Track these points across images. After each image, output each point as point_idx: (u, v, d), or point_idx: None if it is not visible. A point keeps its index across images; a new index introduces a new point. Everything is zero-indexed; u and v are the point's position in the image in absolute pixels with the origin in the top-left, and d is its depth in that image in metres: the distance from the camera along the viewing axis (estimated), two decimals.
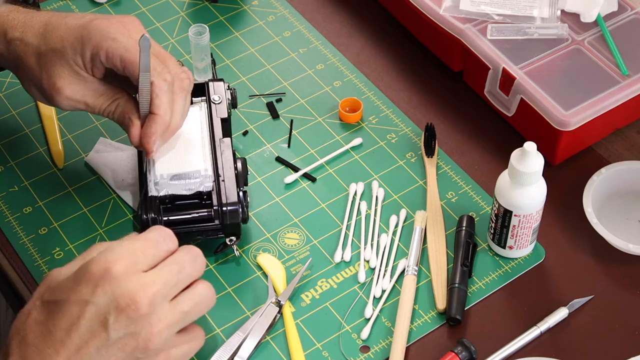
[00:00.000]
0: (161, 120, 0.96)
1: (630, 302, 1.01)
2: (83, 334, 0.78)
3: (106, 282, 0.78)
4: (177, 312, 0.81)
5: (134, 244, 0.81)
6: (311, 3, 1.30)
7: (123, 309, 0.78)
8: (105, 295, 0.78)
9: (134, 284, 0.79)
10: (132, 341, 0.79)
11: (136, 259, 0.80)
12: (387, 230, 1.07)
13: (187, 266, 0.82)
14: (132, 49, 0.95)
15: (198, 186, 1.01)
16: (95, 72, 0.98)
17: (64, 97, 0.98)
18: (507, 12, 1.15)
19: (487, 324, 1.00)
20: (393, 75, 1.22)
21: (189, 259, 0.83)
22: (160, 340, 0.80)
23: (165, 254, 0.83)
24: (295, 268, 1.04)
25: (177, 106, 0.98)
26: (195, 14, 1.29)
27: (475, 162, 1.13)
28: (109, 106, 0.99)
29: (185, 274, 0.82)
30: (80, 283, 0.79)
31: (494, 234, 1.03)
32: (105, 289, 0.78)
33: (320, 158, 1.13)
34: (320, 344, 0.98)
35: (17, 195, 1.10)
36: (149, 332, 0.79)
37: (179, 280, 0.82)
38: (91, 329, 0.78)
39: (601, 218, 1.05)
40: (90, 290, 0.78)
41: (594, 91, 1.08)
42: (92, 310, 0.78)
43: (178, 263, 0.82)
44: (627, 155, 1.13)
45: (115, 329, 0.78)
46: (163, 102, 0.96)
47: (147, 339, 0.79)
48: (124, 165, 1.11)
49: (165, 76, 0.97)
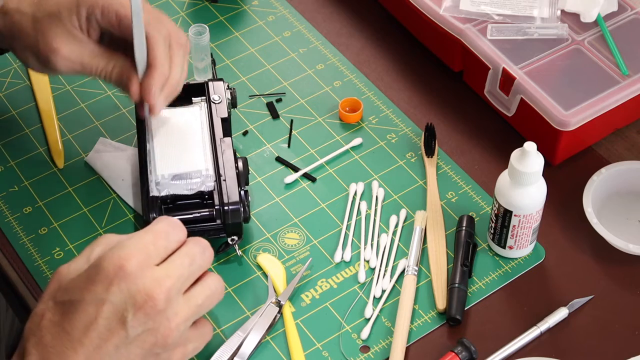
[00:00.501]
0: (159, 72, 0.96)
1: (630, 302, 1.01)
2: (101, 332, 0.77)
3: (121, 280, 0.78)
4: (192, 305, 0.81)
5: (144, 238, 0.81)
6: (311, 3, 1.30)
7: (141, 306, 0.78)
8: (121, 293, 0.78)
9: (149, 279, 0.78)
10: (150, 337, 0.79)
11: (148, 253, 0.80)
12: (387, 230, 1.07)
13: (197, 258, 0.82)
14: (127, 4, 0.96)
15: (199, 186, 1.01)
16: (91, 33, 0.98)
17: (60, 57, 0.97)
18: (507, 12, 1.15)
19: (487, 324, 1.00)
20: (393, 75, 1.22)
21: (198, 250, 0.83)
22: (178, 334, 0.80)
23: (176, 244, 0.82)
24: (295, 268, 1.04)
25: (175, 60, 0.98)
26: (195, 14, 1.29)
27: (475, 162, 1.13)
28: (106, 66, 0.99)
29: (196, 266, 0.82)
30: (95, 282, 0.78)
31: (494, 234, 1.03)
32: (120, 286, 0.78)
33: (320, 158, 1.13)
34: (320, 344, 0.98)
35: (17, 195, 1.10)
36: (167, 327, 0.79)
37: (191, 273, 0.82)
38: (109, 328, 0.77)
39: (601, 218, 1.05)
40: (105, 289, 0.78)
41: (594, 91, 1.08)
42: (109, 308, 0.77)
43: (189, 255, 0.82)
44: (627, 155, 1.13)
45: (133, 326, 0.78)
46: (160, 54, 0.96)
47: (166, 334, 0.79)
48: (124, 165, 1.11)
49: (161, 30, 0.97)
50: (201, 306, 0.82)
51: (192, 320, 0.82)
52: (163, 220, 0.83)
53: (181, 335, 0.81)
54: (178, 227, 0.83)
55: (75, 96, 1.19)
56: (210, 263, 0.84)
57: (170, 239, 0.82)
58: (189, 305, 0.81)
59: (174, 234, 0.82)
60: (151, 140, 1.05)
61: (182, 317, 0.80)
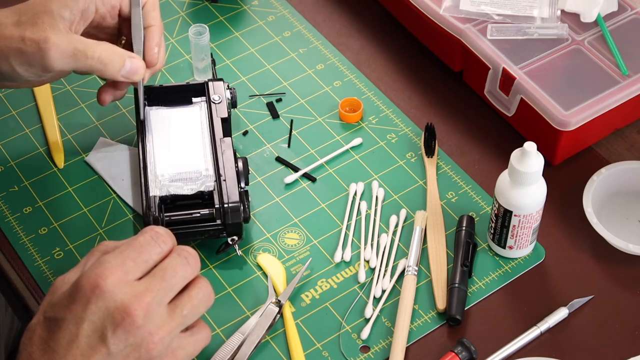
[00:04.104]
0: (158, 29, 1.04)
1: (630, 302, 1.01)
2: (84, 350, 0.78)
3: (98, 298, 0.78)
4: (176, 317, 0.81)
5: (123, 253, 0.80)
6: (311, 3, 1.30)
7: (119, 323, 0.77)
8: (99, 311, 0.78)
9: (127, 295, 0.78)
10: (134, 352, 0.78)
11: (126, 269, 0.79)
12: (387, 230, 1.07)
13: (179, 269, 0.81)
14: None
15: (199, 186, 1.01)
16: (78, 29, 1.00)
17: (51, 44, 0.96)
18: (507, 12, 1.15)
19: (487, 324, 1.00)
20: (393, 75, 1.22)
21: (181, 262, 0.82)
22: (162, 346, 0.79)
23: (159, 256, 0.82)
24: (295, 268, 1.04)
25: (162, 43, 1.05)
26: (195, 14, 1.29)
27: (475, 162, 1.13)
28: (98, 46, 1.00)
29: (178, 278, 0.81)
30: (75, 300, 0.78)
31: (494, 234, 1.03)
32: (98, 304, 0.78)
33: (320, 158, 1.13)
34: (320, 344, 0.98)
35: (17, 195, 1.10)
36: (150, 342, 0.79)
37: (172, 285, 0.81)
38: (91, 345, 0.78)
39: (601, 218, 1.05)
40: (83, 308, 0.78)
41: (594, 91, 1.08)
42: (89, 326, 0.78)
43: (170, 268, 0.81)
44: (627, 155, 1.13)
45: (114, 342, 0.77)
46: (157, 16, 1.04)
47: (149, 348, 0.79)
48: (124, 165, 1.11)
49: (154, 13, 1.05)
50: (187, 316, 0.81)
51: (178, 330, 0.81)
52: (147, 232, 0.83)
53: (167, 346, 0.80)
54: (161, 237, 0.82)
55: (75, 96, 1.19)
56: (195, 273, 0.83)
57: (152, 251, 0.81)
58: (172, 316, 0.80)
59: (156, 245, 0.82)
60: (151, 140, 1.06)
61: (166, 329, 0.79)
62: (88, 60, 0.98)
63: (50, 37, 0.96)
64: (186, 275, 0.82)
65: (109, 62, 0.99)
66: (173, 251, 0.83)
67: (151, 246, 0.81)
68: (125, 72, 1.01)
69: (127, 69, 1.00)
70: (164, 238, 0.83)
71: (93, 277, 0.78)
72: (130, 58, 1.01)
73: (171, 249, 0.83)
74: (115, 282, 0.78)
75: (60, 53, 0.97)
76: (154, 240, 0.82)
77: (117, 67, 1.00)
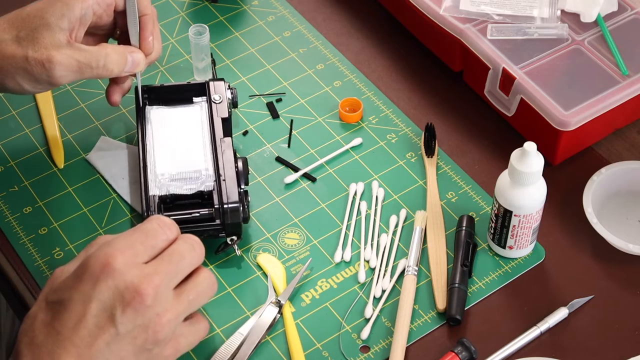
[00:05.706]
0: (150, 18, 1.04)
1: (630, 302, 1.01)
2: (91, 330, 0.78)
3: (108, 277, 0.78)
4: (182, 301, 0.81)
5: (132, 236, 0.81)
6: (311, 3, 1.30)
7: (129, 302, 0.78)
8: (108, 290, 0.78)
9: (137, 276, 0.79)
10: (141, 333, 0.79)
11: (135, 251, 0.80)
12: (387, 230, 1.07)
13: (187, 255, 0.82)
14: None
15: (199, 186, 1.01)
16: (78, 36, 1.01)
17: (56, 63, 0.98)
18: (507, 12, 1.15)
19: (487, 324, 1.00)
20: (393, 75, 1.22)
21: (188, 247, 0.83)
22: (169, 330, 0.80)
23: (165, 243, 0.83)
24: (295, 268, 1.04)
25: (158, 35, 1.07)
26: (195, 14, 1.29)
27: (475, 162, 1.13)
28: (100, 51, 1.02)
29: (185, 263, 0.82)
30: (82, 280, 0.78)
31: (494, 234, 1.03)
32: (108, 283, 0.78)
33: (320, 158, 1.13)
34: (320, 344, 0.98)
35: (17, 195, 1.10)
36: (157, 323, 0.79)
37: (180, 269, 0.82)
38: (99, 325, 0.78)
39: (601, 218, 1.05)
40: (92, 286, 0.78)
41: (594, 91, 1.08)
42: (97, 305, 0.78)
43: (178, 252, 0.82)
44: (627, 155, 1.13)
45: (123, 322, 0.78)
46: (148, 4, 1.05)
47: (156, 330, 0.79)
48: (124, 164, 1.11)
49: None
50: (192, 302, 0.82)
51: (184, 316, 0.82)
52: (154, 220, 0.83)
53: (173, 331, 0.81)
54: (167, 226, 0.83)
55: (75, 96, 1.19)
56: (200, 260, 0.84)
57: (159, 237, 0.82)
58: (179, 300, 0.81)
59: (162, 232, 0.83)
60: (151, 139, 1.06)
61: (173, 313, 0.80)
62: (94, 71, 1.01)
63: (53, 55, 0.98)
64: (192, 262, 0.83)
65: (113, 67, 1.02)
66: (180, 238, 0.84)
67: (158, 233, 0.82)
68: (128, 68, 1.03)
69: (130, 64, 1.03)
70: (170, 226, 0.84)
71: (102, 257, 0.79)
72: (131, 53, 1.03)
73: (176, 237, 0.84)
74: (125, 262, 0.79)
75: (65, 69, 0.99)
76: (160, 228, 0.83)
77: (121, 67, 1.02)
